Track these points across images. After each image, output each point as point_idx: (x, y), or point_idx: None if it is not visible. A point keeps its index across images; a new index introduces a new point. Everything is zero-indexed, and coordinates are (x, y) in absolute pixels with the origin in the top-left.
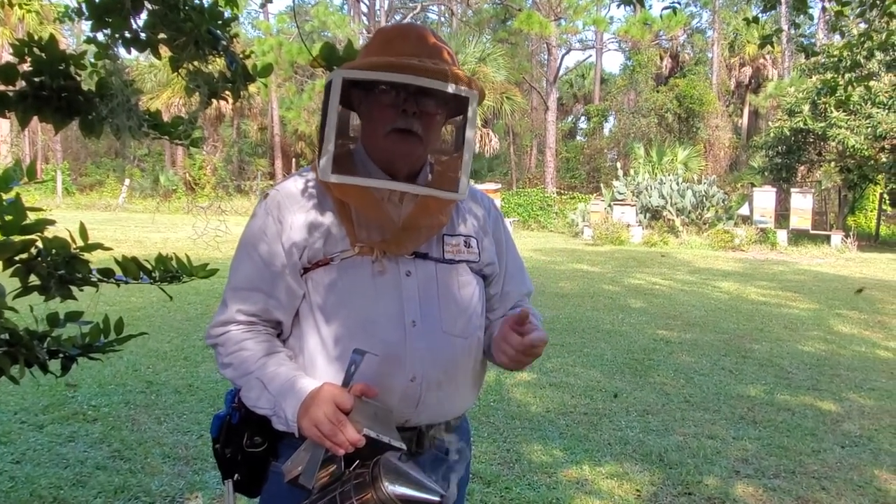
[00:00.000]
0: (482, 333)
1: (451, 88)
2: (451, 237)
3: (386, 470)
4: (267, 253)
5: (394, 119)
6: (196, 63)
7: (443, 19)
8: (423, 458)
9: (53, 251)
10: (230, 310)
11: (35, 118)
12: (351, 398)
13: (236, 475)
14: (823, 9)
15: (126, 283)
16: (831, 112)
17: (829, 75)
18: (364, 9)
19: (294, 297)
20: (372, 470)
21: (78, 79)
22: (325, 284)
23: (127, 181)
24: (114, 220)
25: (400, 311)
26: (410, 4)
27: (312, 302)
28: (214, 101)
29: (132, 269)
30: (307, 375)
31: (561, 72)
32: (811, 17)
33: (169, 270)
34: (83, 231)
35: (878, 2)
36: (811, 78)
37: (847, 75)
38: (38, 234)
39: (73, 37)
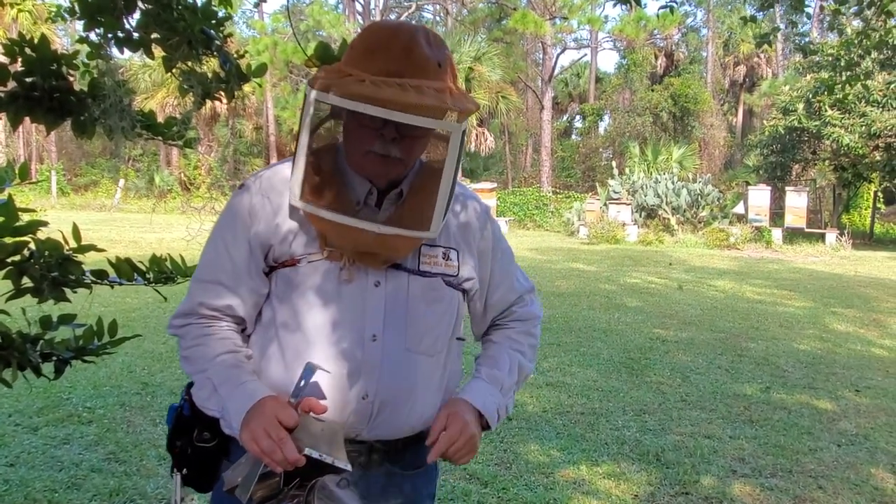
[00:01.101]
0: (452, 351)
1: (429, 123)
2: (430, 248)
3: (318, 497)
4: (235, 247)
5: (371, 142)
6: (189, 63)
7: (438, 18)
8: (375, 473)
9: (46, 253)
10: (193, 301)
11: (27, 119)
12: (295, 415)
13: (185, 469)
14: (820, 7)
15: (120, 284)
16: (825, 110)
17: (824, 74)
18: (359, 7)
19: (258, 295)
20: (307, 496)
21: (70, 79)
22: (289, 286)
23: (122, 181)
24: (109, 220)
25: (361, 323)
26: (405, 3)
27: (274, 302)
28: (209, 101)
29: (126, 270)
30: (262, 379)
31: (556, 71)
32: (808, 16)
33: (163, 271)
34: (76, 232)
35: (875, 0)
36: (805, 77)
37: (844, 74)
38: (31, 235)
39: (68, 37)
